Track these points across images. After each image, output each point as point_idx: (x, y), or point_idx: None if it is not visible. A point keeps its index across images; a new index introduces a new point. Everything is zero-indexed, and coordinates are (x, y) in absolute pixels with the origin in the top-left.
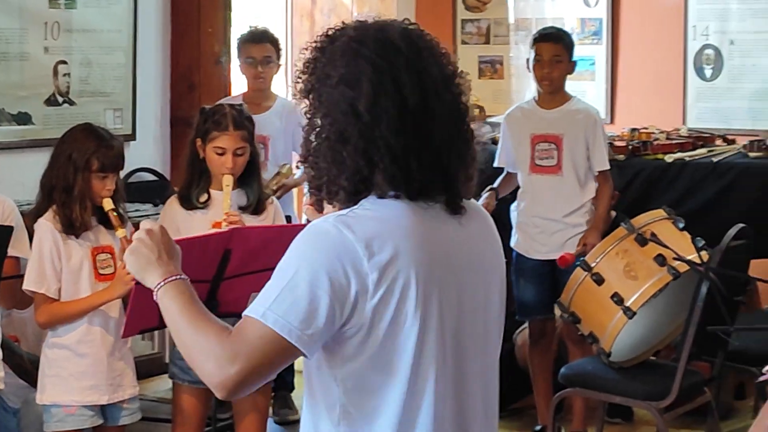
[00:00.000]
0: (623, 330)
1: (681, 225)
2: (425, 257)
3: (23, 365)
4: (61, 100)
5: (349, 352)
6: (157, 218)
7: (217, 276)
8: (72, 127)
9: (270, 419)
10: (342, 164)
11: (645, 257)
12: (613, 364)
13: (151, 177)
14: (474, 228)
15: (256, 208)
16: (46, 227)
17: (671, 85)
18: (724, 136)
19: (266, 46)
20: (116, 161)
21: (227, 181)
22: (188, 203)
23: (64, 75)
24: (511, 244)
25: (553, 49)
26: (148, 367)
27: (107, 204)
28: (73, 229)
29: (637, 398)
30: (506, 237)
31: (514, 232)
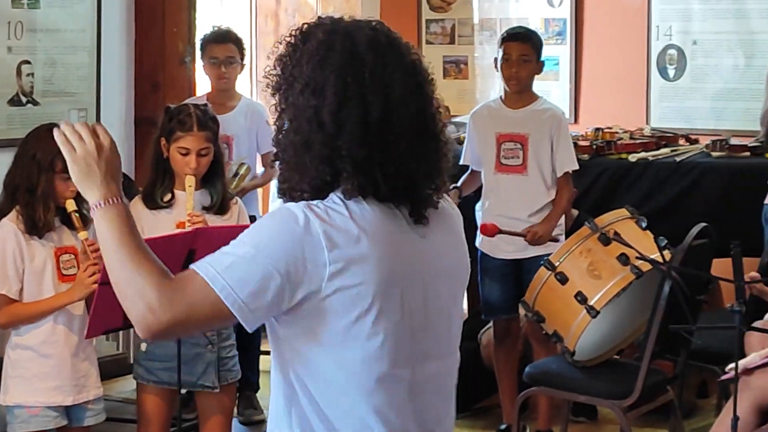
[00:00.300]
0: (587, 329)
1: (644, 224)
2: (387, 257)
3: None
4: (24, 100)
5: (296, 334)
6: None
7: None
8: (36, 128)
9: (235, 419)
10: (304, 170)
11: (608, 256)
12: (577, 363)
13: None
14: (439, 234)
15: (220, 208)
16: (9, 227)
17: (635, 85)
18: (687, 136)
19: (229, 47)
20: None
21: (190, 181)
22: (152, 202)
23: (28, 75)
24: (476, 243)
25: (521, 48)
26: (113, 368)
27: (70, 205)
28: (36, 229)
29: (601, 397)
30: (471, 236)
31: (478, 231)
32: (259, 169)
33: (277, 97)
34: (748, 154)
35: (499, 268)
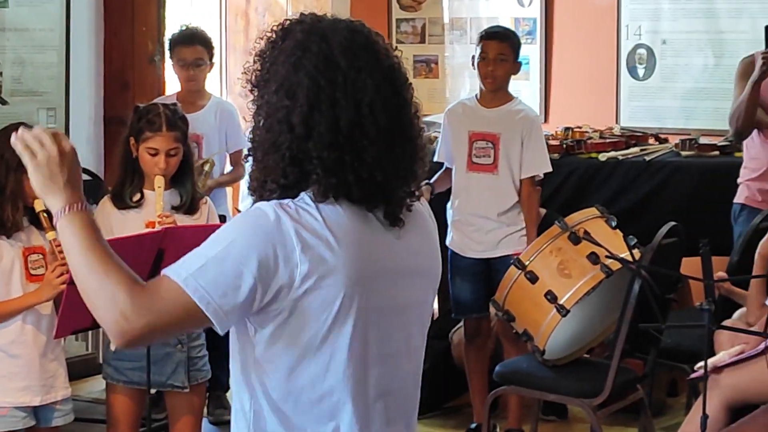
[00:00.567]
0: (557, 328)
1: (613, 223)
2: (358, 258)
3: None
4: None
5: (266, 336)
6: None
7: (150, 276)
8: (4, 127)
9: (205, 419)
10: (274, 170)
11: (578, 255)
12: (547, 362)
13: (84, 177)
14: (412, 235)
15: (190, 207)
16: None
17: (604, 85)
18: (657, 135)
19: (197, 49)
20: None
21: (159, 182)
22: (121, 202)
23: None
24: (446, 242)
25: (499, 47)
26: (82, 368)
27: (38, 205)
28: (4, 229)
29: (571, 396)
30: (442, 235)
31: (449, 230)
32: (228, 168)
33: (255, 93)
34: (717, 153)
35: (470, 267)
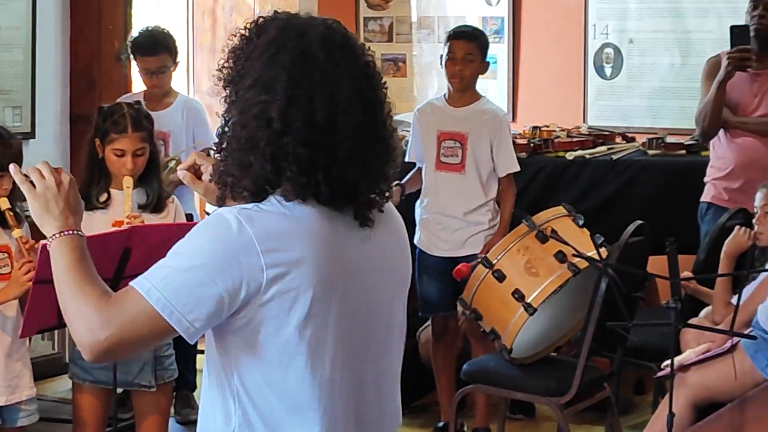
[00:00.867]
0: (524, 326)
1: (581, 222)
2: (327, 258)
3: None
4: None
5: (238, 344)
6: None
7: (116, 274)
8: None
9: (172, 419)
10: (248, 167)
11: (546, 254)
12: (515, 361)
13: None
14: (381, 236)
15: (157, 206)
16: None
17: (572, 84)
18: (624, 134)
19: (159, 57)
20: (14, 160)
21: (127, 182)
22: (88, 203)
23: None
24: (414, 240)
25: (467, 47)
26: (48, 368)
27: (3, 203)
28: None
29: (538, 394)
30: (410, 234)
31: (417, 229)
32: None
33: (228, 90)
34: (683, 152)
35: (437, 265)
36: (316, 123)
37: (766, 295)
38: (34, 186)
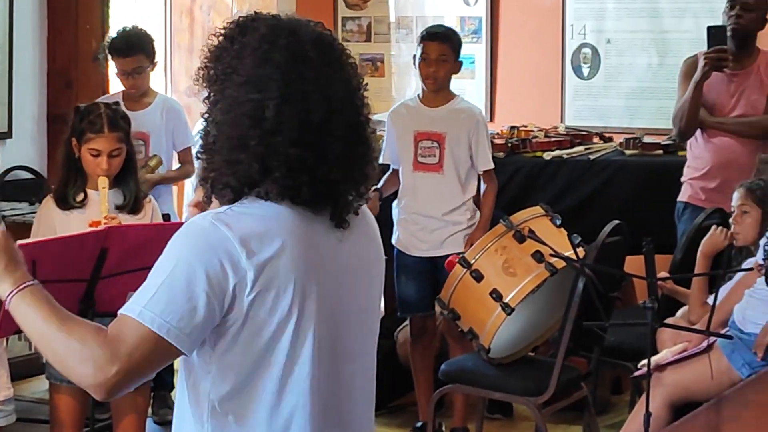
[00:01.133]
0: (502, 326)
1: (558, 222)
2: (304, 258)
3: None
4: None
5: (222, 347)
6: (34, 217)
7: (93, 275)
8: None
9: (149, 419)
10: (236, 165)
11: (523, 254)
12: (492, 361)
13: (27, 175)
14: (356, 236)
15: (133, 207)
16: None
17: (549, 84)
18: (601, 134)
19: (135, 59)
20: None
21: (103, 183)
22: (64, 203)
23: None
24: (392, 241)
25: (441, 48)
26: (26, 368)
27: None
28: None
29: (516, 394)
30: (388, 234)
31: (395, 229)
32: (175, 165)
33: (214, 89)
34: (661, 152)
35: (415, 265)
36: (310, 123)
37: (742, 295)
38: None
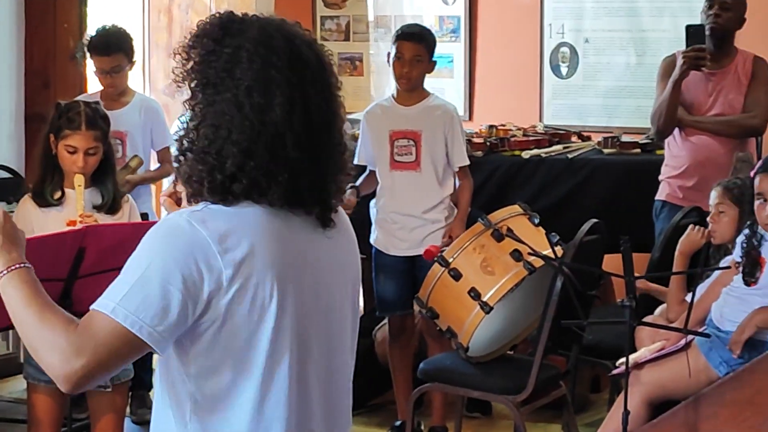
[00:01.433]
0: (480, 325)
1: (536, 220)
2: (282, 255)
3: None
4: None
5: (201, 348)
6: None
7: (71, 274)
8: None
9: (127, 419)
10: (239, 172)
11: (501, 252)
12: (471, 359)
13: (5, 174)
14: (333, 236)
15: (111, 206)
16: None
17: (528, 83)
18: (580, 133)
19: (114, 57)
20: None
21: (79, 180)
22: (42, 200)
23: None
24: (371, 240)
25: (415, 48)
26: (3, 368)
27: None
28: None
29: (495, 392)
30: (366, 233)
31: (373, 228)
32: (154, 165)
33: (205, 93)
34: (638, 151)
35: (394, 264)
36: (313, 126)
37: (719, 293)
38: None
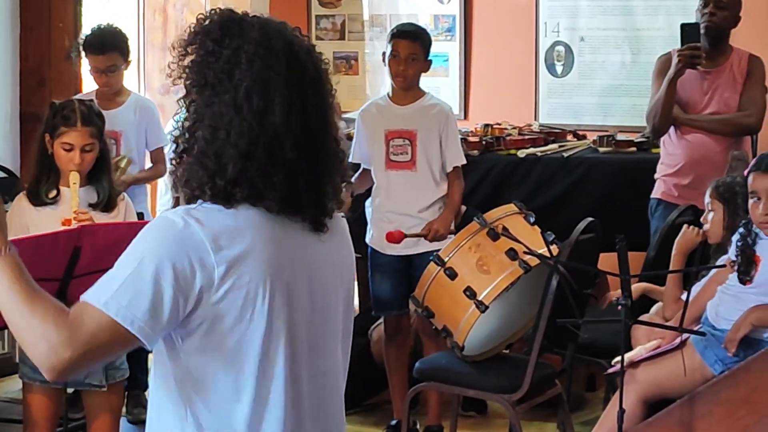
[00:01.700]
0: (476, 324)
1: (532, 219)
2: (276, 256)
3: None
4: None
5: (193, 346)
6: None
7: (66, 274)
8: None
9: (123, 418)
10: (240, 176)
11: (497, 251)
12: (467, 358)
13: (0, 174)
14: (328, 238)
15: (107, 205)
16: None
17: (523, 82)
18: (575, 132)
19: (109, 57)
20: None
21: (74, 178)
22: (37, 199)
23: None
24: (367, 239)
25: (411, 47)
26: None
27: None
28: None
29: (490, 391)
30: (362, 233)
31: (369, 227)
32: (148, 164)
33: (204, 94)
34: (634, 149)
35: (390, 264)
36: (311, 129)
37: (714, 292)
38: None
